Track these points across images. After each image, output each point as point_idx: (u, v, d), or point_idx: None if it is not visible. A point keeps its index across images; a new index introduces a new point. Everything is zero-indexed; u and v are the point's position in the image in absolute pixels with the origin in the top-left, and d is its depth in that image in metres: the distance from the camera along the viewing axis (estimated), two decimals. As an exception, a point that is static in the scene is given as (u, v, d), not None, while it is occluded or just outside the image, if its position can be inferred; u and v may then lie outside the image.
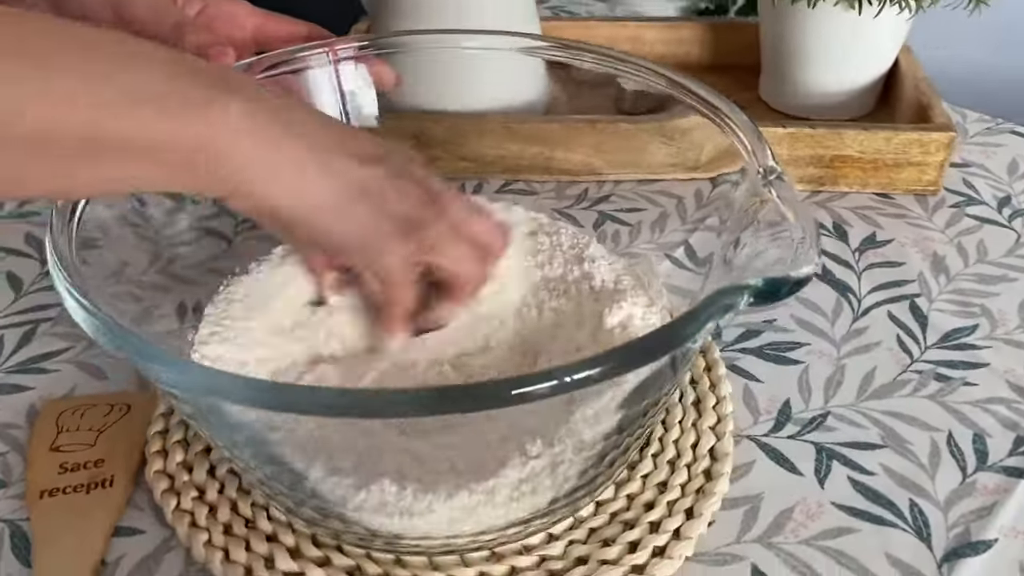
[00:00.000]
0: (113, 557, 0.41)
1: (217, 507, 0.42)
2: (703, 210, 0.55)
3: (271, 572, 0.39)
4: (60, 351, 0.52)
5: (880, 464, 0.45)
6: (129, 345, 0.31)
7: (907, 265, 0.57)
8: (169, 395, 0.37)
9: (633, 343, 0.29)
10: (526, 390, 0.28)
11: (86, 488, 0.44)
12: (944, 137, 0.60)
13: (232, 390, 0.28)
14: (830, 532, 0.41)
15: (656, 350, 0.29)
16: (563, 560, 0.39)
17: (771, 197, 0.36)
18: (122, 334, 0.31)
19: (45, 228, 0.61)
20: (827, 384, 0.49)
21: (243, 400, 0.28)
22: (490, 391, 0.28)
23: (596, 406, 0.38)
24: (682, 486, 0.42)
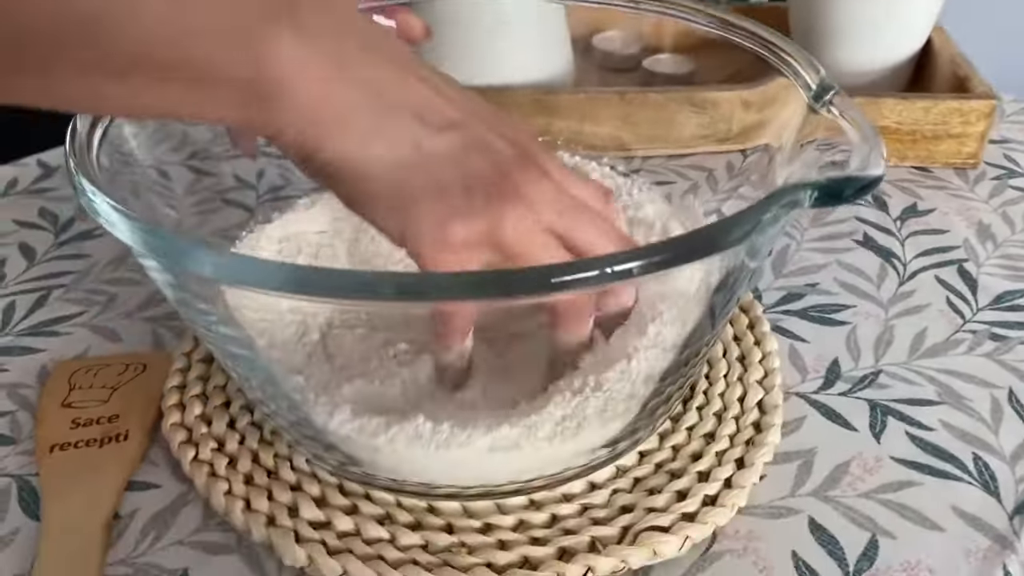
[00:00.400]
0: (127, 511, 0.39)
1: (237, 458, 0.39)
2: (735, 180, 0.53)
3: (295, 520, 0.36)
4: (74, 315, 0.50)
5: (939, 420, 0.42)
6: (167, 241, 0.28)
7: (952, 232, 0.55)
8: (203, 325, 0.35)
9: (688, 235, 0.27)
10: (569, 278, 0.25)
11: (99, 442, 0.41)
12: (985, 106, 0.59)
13: (274, 275, 0.26)
14: (891, 486, 0.39)
15: (714, 242, 0.27)
16: (607, 508, 0.37)
17: (831, 115, 0.34)
18: (159, 231, 0.29)
19: (59, 202, 0.60)
20: (876, 343, 0.47)
21: (284, 285, 0.26)
22: (532, 277, 0.26)
23: (644, 343, 0.35)
24: (730, 437, 0.40)
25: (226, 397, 0.43)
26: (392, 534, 0.36)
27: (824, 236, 0.55)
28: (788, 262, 0.53)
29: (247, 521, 0.36)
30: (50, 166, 0.65)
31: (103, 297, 0.52)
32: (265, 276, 0.26)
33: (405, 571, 0.34)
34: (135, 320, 0.50)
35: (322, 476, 0.38)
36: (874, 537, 0.37)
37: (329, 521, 0.36)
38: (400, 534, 0.35)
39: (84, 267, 0.54)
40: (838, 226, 0.56)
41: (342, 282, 0.26)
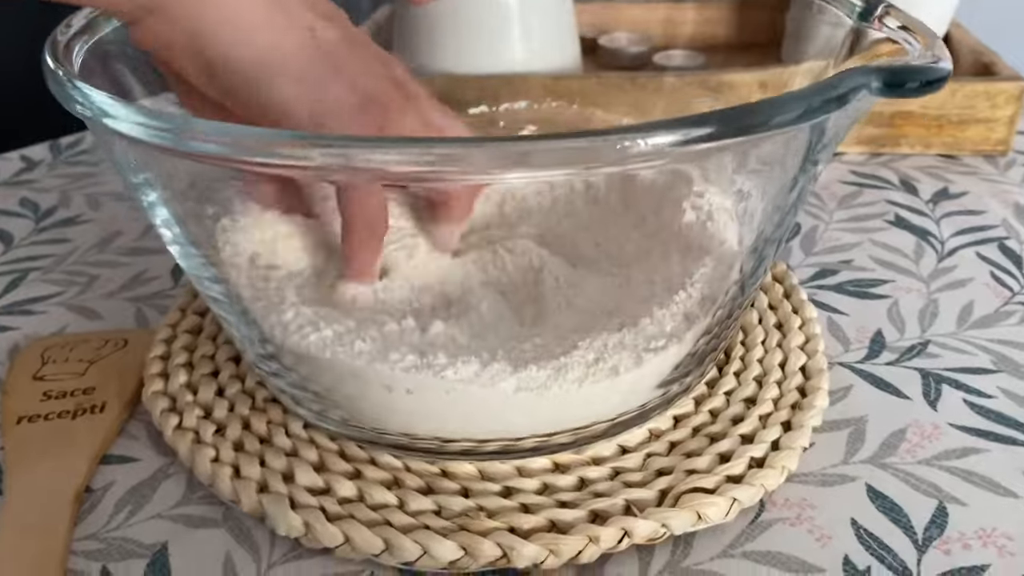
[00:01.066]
0: (100, 484, 0.34)
1: (226, 425, 0.35)
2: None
3: (291, 487, 0.32)
4: (51, 295, 0.47)
5: (998, 388, 0.38)
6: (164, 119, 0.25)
7: (988, 213, 0.52)
8: (207, 250, 0.32)
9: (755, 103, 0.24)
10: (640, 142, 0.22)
11: (72, 414, 0.37)
12: (1014, 87, 0.56)
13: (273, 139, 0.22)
14: (953, 452, 0.35)
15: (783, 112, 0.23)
16: (641, 472, 0.33)
17: (886, 30, 0.31)
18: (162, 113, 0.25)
19: (41, 193, 0.57)
20: (921, 315, 0.43)
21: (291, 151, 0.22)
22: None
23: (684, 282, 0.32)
24: (774, 401, 0.36)
25: (214, 367, 0.39)
26: (401, 498, 0.31)
27: (853, 217, 0.52)
28: (818, 241, 0.50)
29: (235, 489, 0.32)
30: (33, 160, 0.62)
31: (84, 278, 0.48)
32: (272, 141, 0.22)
33: (416, 536, 0.30)
34: (117, 300, 0.46)
35: (321, 442, 0.34)
36: (942, 504, 0.33)
37: (329, 487, 0.32)
38: (410, 498, 0.31)
39: (64, 251, 0.51)
40: (867, 208, 0.53)
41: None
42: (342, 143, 0.22)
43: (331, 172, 0.23)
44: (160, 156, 0.28)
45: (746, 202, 0.36)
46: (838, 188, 0.55)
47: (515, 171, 0.22)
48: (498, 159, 0.22)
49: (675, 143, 0.22)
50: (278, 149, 0.22)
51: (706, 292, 0.33)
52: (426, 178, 0.23)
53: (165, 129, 0.23)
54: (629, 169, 0.26)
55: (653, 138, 0.22)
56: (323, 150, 0.22)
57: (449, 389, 0.29)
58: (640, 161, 0.23)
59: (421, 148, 0.22)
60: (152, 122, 0.23)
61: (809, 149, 0.28)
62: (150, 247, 0.51)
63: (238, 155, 0.22)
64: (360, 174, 0.23)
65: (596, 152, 0.22)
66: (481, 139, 0.22)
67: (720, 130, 0.23)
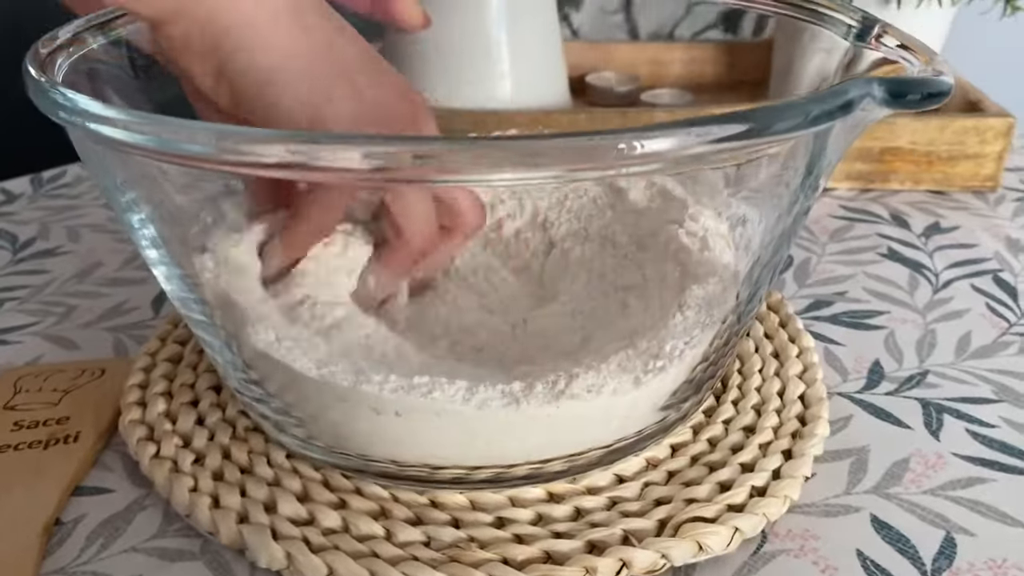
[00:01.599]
0: (71, 516, 0.33)
1: (205, 455, 0.34)
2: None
3: (272, 517, 0.31)
4: (26, 325, 0.45)
5: (1000, 417, 0.37)
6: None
7: (980, 246, 0.52)
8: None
9: (755, 108, 0.23)
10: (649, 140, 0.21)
11: (44, 444, 0.36)
12: (1002, 123, 0.56)
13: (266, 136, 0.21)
14: (958, 482, 0.34)
15: (787, 116, 0.23)
16: (639, 501, 0.31)
17: (884, 48, 0.31)
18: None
19: (19, 225, 0.56)
20: (919, 346, 0.42)
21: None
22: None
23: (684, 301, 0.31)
24: (774, 429, 0.35)
25: (194, 395, 0.37)
26: (388, 529, 0.30)
27: (846, 250, 0.51)
28: (811, 273, 0.49)
29: (214, 519, 0.31)
30: (12, 193, 0.61)
31: (61, 308, 0.46)
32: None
33: (404, 568, 0.28)
34: (95, 329, 0.45)
35: (305, 472, 0.33)
36: (949, 535, 0.31)
37: (313, 518, 0.31)
38: (398, 529, 0.30)
39: (42, 282, 0.49)
40: (859, 241, 0.52)
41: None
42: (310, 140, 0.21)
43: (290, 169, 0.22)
44: (144, 167, 0.27)
45: (743, 227, 0.35)
46: (829, 222, 0.55)
47: (506, 172, 0.21)
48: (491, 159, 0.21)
49: (672, 148, 0.22)
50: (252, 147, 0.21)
51: (703, 316, 0.32)
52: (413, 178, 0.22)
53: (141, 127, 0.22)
54: (626, 174, 0.24)
55: (650, 142, 0.22)
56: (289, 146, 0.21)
57: (439, 411, 0.28)
58: (637, 164, 0.22)
59: (408, 143, 0.21)
60: (131, 120, 0.22)
61: (809, 165, 0.28)
62: (130, 278, 0.49)
63: (224, 156, 0.21)
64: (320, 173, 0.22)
65: (599, 152, 0.21)
66: (472, 139, 0.21)
67: (722, 134, 0.22)
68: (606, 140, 0.21)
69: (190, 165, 0.22)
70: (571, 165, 0.21)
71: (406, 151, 0.21)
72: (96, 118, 0.23)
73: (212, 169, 0.23)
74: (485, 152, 0.21)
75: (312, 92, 0.30)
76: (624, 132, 0.21)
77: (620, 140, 0.21)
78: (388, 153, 0.21)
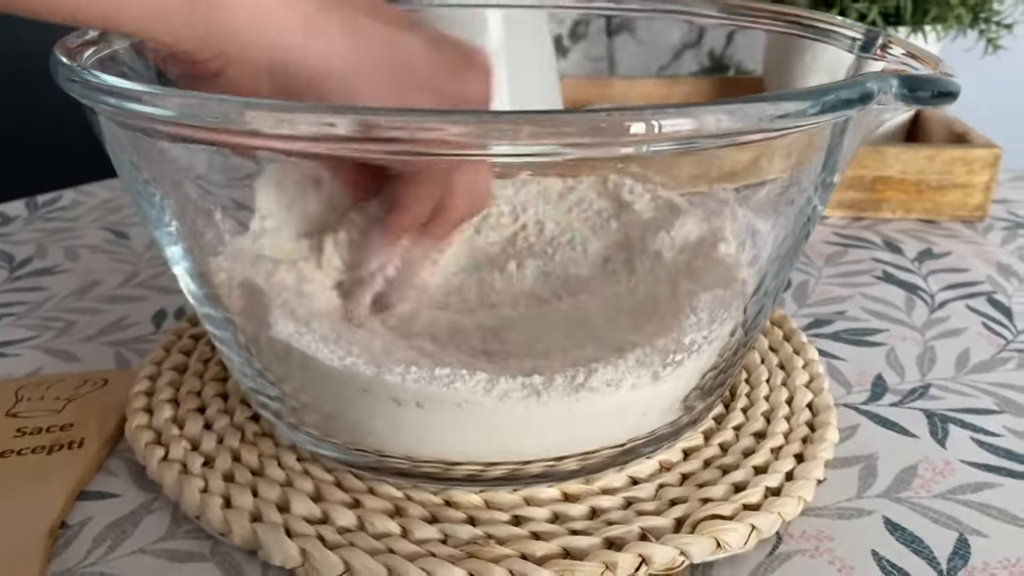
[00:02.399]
0: (77, 519, 0.32)
1: (215, 458, 0.33)
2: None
3: (286, 516, 0.30)
4: (25, 339, 0.45)
5: (1004, 427, 0.38)
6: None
7: (973, 271, 0.53)
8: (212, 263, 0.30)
9: (772, 94, 0.24)
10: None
11: (47, 449, 0.35)
12: (988, 154, 0.58)
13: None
14: (968, 487, 0.34)
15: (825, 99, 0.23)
16: (655, 501, 0.31)
17: (890, 58, 0.32)
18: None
19: (16, 245, 0.56)
20: (919, 361, 0.43)
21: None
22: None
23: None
24: (784, 434, 0.35)
25: (201, 403, 0.37)
26: (404, 527, 0.30)
27: (842, 273, 0.52)
28: (810, 294, 0.50)
29: (227, 519, 0.30)
30: (7, 215, 0.60)
31: (60, 323, 0.46)
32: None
33: (423, 564, 0.28)
34: (96, 343, 0.44)
35: (317, 473, 0.32)
36: (963, 536, 0.32)
37: (327, 516, 0.30)
38: (414, 526, 0.30)
39: (40, 299, 0.49)
40: (855, 265, 0.53)
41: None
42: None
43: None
44: (170, 159, 0.28)
45: (753, 238, 0.36)
46: (824, 248, 0.56)
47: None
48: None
49: (693, 130, 0.22)
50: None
51: (717, 316, 0.32)
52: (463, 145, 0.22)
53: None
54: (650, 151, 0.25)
55: (671, 120, 0.22)
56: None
57: (461, 402, 0.28)
58: (666, 143, 0.22)
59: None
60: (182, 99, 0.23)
61: (827, 158, 0.28)
62: (130, 295, 0.49)
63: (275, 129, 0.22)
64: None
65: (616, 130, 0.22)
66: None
67: (742, 117, 0.23)
68: (643, 114, 0.21)
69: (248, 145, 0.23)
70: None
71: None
72: (129, 95, 0.23)
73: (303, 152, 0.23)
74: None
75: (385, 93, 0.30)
76: (652, 107, 0.22)
77: (652, 116, 0.21)
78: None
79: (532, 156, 0.25)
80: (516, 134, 0.22)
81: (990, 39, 0.65)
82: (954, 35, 0.64)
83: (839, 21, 0.36)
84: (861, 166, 0.59)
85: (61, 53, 0.27)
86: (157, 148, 0.29)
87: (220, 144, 0.24)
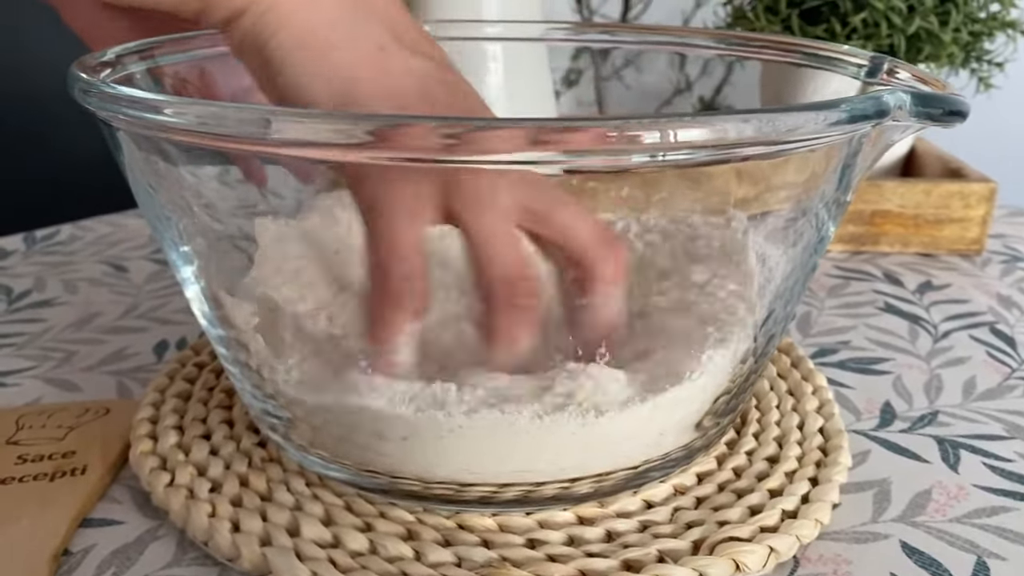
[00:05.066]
0: (80, 546, 0.32)
1: (222, 483, 0.33)
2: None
3: (296, 540, 0.30)
4: (25, 368, 0.44)
5: (1016, 452, 0.38)
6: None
7: (973, 302, 0.53)
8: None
9: (791, 105, 0.24)
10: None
11: (50, 476, 0.34)
12: (984, 188, 0.58)
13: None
14: (983, 511, 0.34)
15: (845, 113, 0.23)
16: (671, 524, 0.31)
17: (896, 82, 0.32)
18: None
19: (15, 278, 0.55)
20: (927, 388, 0.43)
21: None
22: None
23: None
24: (798, 459, 0.35)
25: (206, 429, 0.36)
26: (417, 550, 0.29)
27: (845, 304, 0.52)
28: (813, 324, 0.50)
29: (236, 543, 0.30)
30: (5, 250, 0.60)
31: (60, 354, 0.46)
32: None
33: (437, 587, 0.27)
34: (96, 373, 0.44)
35: (326, 498, 0.32)
36: (981, 559, 0.31)
37: (338, 540, 0.30)
38: (427, 550, 0.29)
39: (39, 329, 0.48)
40: (857, 296, 0.53)
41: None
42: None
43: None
44: (185, 178, 0.28)
45: (763, 264, 0.36)
46: (825, 280, 0.56)
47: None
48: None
49: (713, 139, 0.22)
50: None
51: (729, 339, 0.32)
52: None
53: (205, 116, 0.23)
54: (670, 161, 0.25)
55: (687, 131, 0.22)
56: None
57: (471, 425, 0.28)
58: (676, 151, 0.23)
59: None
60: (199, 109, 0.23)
61: (842, 176, 0.29)
62: (131, 326, 0.49)
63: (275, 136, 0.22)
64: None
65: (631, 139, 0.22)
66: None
67: (759, 130, 0.23)
68: (666, 122, 0.21)
69: (254, 151, 0.23)
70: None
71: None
72: (148, 106, 0.23)
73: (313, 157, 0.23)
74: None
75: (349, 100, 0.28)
76: (667, 117, 0.22)
77: (669, 125, 0.22)
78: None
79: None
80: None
81: (981, 78, 0.66)
82: (947, 73, 0.65)
83: (844, 48, 0.36)
84: (860, 200, 0.59)
85: (78, 70, 0.27)
86: (174, 174, 0.29)
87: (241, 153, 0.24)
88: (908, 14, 0.60)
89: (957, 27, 0.61)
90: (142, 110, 0.24)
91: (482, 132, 0.21)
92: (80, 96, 0.26)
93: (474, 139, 0.22)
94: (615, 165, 0.24)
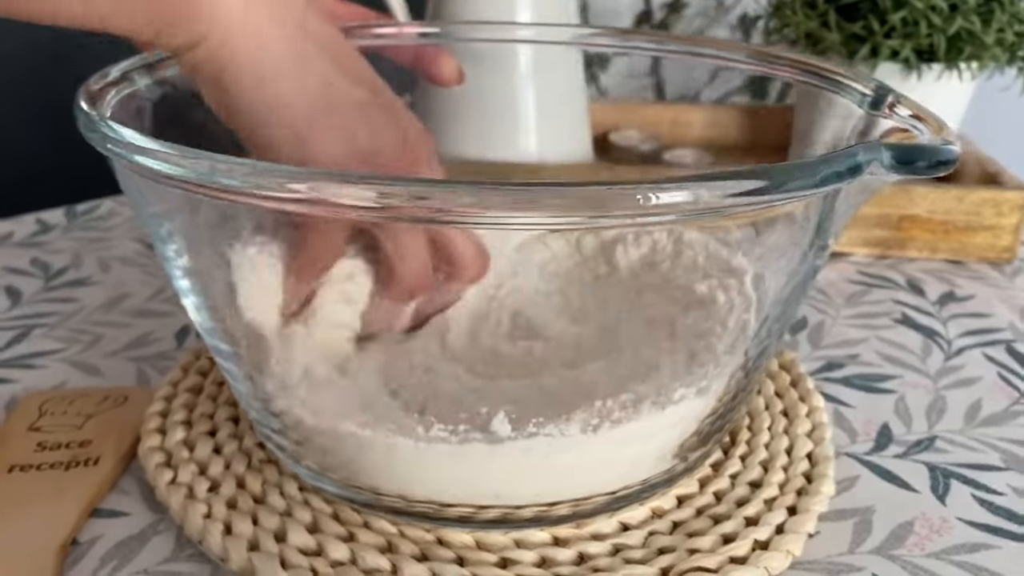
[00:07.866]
0: (88, 537, 0.34)
1: (220, 483, 0.35)
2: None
3: (282, 547, 0.31)
4: (53, 351, 0.46)
5: (1008, 485, 0.38)
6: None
7: (995, 316, 0.52)
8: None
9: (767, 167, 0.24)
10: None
11: (65, 465, 0.37)
12: (1019, 196, 0.57)
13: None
14: (964, 547, 0.34)
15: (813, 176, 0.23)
16: (643, 549, 0.32)
17: (897, 118, 0.32)
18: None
19: (53, 254, 0.58)
20: (929, 411, 0.43)
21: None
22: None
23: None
24: (780, 485, 0.35)
25: (213, 426, 0.38)
26: (394, 564, 0.31)
27: (860, 314, 0.52)
28: (825, 335, 0.50)
29: (226, 546, 0.31)
30: (48, 223, 0.63)
31: (88, 336, 0.48)
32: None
33: (408, 602, 0.29)
34: (119, 358, 0.46)
35: (316, 504, 0.33)
36: (952, 599, 0.32)
37: (321, 549, 0.31)
38: (404, 564, 0.30)
39: (71, 310, 0.51)
40: (874, 306, 0.53)
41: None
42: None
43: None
44: (178, 200, 0.29)
45: (754, 285, 0.36)
46: (845, 287, 0.56)
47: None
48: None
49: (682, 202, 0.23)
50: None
51: (716, 361, 0.32)
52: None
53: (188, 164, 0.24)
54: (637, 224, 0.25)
55: (664, 194, 0.23)
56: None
57: (451, 453, 0.29)
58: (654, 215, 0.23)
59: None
60: (180, 157, 0.24)
61: (818, 226, 0.29)
62: (157, 310, 0.51)
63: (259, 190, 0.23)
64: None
65: (609, 201, 0.22)
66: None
67: (736, 190, 0.23)
68: (622, 190, 0.22)
69: (219, 196, 0.24)
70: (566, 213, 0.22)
71: (403, 191, 0.22)
72: (139, 150, 0.24)
73: (240, 201, 0.24)
74: (481, 196, 0.22)
75: (310, 134, 0.31)
76: (642, 183, 0.22)
77: (638, 192, 0.22)
78: (385, 192, 0.22)
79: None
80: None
81: (1028, 77, 0.64)
82: (990, 73, 0.63)
83: (852, 75, 0.36)
84: (888, 204, 0.58)
85: (84, 99, 0.28)
86: (167, 191, 0.30)
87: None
88: (949, 13, 0.58)
89: (1001, 27, 0.59)
90: (147, 157, 0.25)
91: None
92: (84, 132, 0.27)
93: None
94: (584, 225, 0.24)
